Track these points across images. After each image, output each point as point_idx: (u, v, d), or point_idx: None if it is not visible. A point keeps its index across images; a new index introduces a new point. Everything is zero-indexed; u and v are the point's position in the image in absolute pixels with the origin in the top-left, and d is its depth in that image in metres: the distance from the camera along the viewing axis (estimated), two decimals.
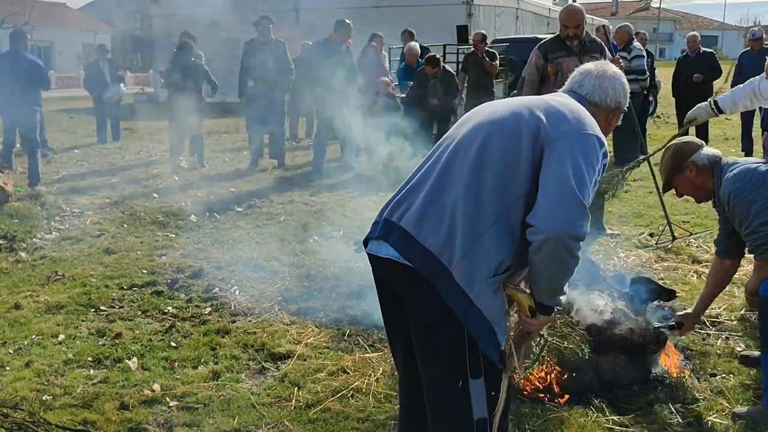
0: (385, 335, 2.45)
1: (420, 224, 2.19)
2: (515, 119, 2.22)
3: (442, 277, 2.13)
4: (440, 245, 2.14)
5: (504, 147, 2.18)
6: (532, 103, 2.27)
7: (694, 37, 11.31)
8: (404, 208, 2.26)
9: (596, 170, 2.17)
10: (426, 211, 2.20)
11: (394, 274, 2.27)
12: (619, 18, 45.94)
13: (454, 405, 2.22)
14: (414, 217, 2.21)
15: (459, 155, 2.24)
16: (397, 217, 2.26)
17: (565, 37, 6.06)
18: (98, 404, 3.41)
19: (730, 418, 3.24)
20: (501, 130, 2.22)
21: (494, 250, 2.13)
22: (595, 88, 2.39)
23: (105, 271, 5.46)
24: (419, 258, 2.16)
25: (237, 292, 5.01)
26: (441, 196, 2.20)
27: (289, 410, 3.37)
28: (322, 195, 8.25)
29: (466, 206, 2.14)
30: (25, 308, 4.66)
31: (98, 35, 41.42)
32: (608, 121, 2.43)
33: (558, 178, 2.08)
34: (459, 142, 2.27)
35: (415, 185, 2.31)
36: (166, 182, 9.15)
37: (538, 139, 2.15)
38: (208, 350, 4.04)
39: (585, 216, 2.08)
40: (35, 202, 7.65)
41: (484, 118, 2.30)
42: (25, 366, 3.82)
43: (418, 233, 2.18)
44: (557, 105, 2.26)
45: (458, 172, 2.20)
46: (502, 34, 17.06)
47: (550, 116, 2.20)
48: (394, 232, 2.24)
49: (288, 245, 6.12)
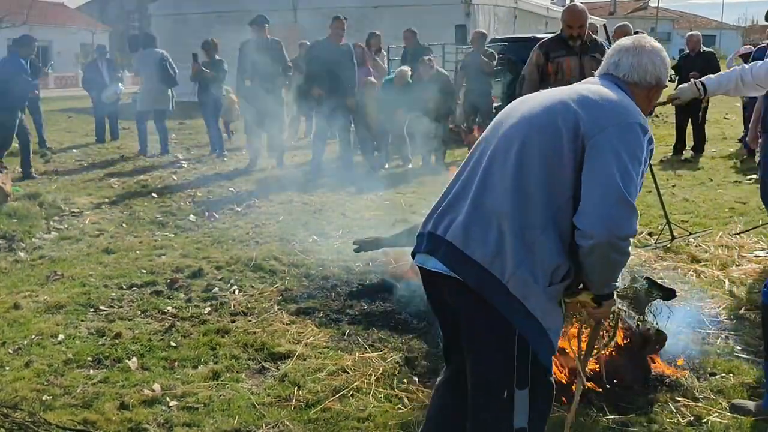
0: (385, 334, 2.45)
1: (467, 237, 2.13)
2: (551, 117, 2.14)
3: (496, 290, 2.08)
4: (490, 258, 2.08)
5: (544, 148, 2.10)
6: (567, 97, 2.19)
7: (694, 36, 11.31)
8: (449, 221, 2.21)
9: (642, 161, 2.09)
10: (471, 222, 2.14)
11: (444, 285, 2.23)
12: (618, 17, 45.95)
13: (498, 413, 2.19)
14: (460, 230, 2.15)
15: (498, 161, 2.17)
16: (442, 230, 2.21)
17: (568, 36, 6.06)
18: (98, 404, 3.40)
19: (728, 408, 3.26)
20: (538, 130, 2.14)
21: (548, 256, 2.08)
22: (633, 67, 2.30)
23: (104, 270, 5.46)
24: (469, 271, 2.11)
25: (236, 291, 5.01)
26: (484, 205, 2.14)
27: (289, 410, 3.36)
28: (322, 194, 8.25)
29: (512, 214, 2.08)
30: (25, 308, 4.66)
31: (97, 35, 41.41)
32: (649, 98, 2.33)
33: (602, 178, 2.02)
34: (496, 147, 2.20)
35: (456, 195, 2.24)
36: (165, 182, 9.15)
37: (578, 136, 2.08)
38: (207, 350, 4.03)
39: (633, 214, 2.03)
40: (34, 201, 7.64)
41: (519, 118, 2.22)
42: (25, 366, 3.81)
43: (465, 246, 2.13)
44: (592, 95, 2.17)
45: (499, 179, 2.14)
46: (501, 33, 17.06)
47: (588, 109, 2.12)
48: (440, 246, 2.19)
49: (287, 245, 6.11)
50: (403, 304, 4.57)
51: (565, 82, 6.09)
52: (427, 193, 8.17)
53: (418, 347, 4.03)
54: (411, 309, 4.50)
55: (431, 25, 14.13)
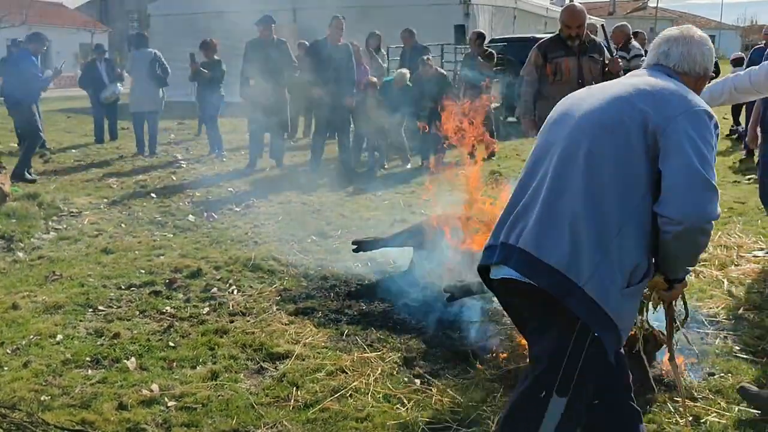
0: (383, 334, 2.45)
1: (540, 242, 2.13)
2: (616, 115, 2.14)
3: (573, 294, 2.07)
4: (566, 262, 2.08)
5: (614, 149, 2.10)
6: (626, 93, 2.19)
7: None
8: (520, 229, 2.20)
9: (713, 146, 2.11)
10: (543, 228, 2.13)
11: (516, 294, 2.24)
12: (617, 18, 45.96)
13: (528, 413, 2.20)
14: (532, 236, 2.15)
15: (566, 164, 2.16)
16: (513, 239, 2.20)
17: (566, 36, 6.06)
18: (96, 404, 3.40)
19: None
20: (605, 131, 2.14)
21: (626, 257, 2.09)
22: (683, 56, 2.30)
23: (103, 271, 5.45)
24: (544, 277, 2.10)
25: (235, 291, 5.01)
26: (556, 210, 2.13)
27: (287, 410, 3.36)
28: (320, 195, 8.25)
29: (587, 217, 2.08)
30: (23, 308, 4.65)
31: (96, 35, 41.38)
32: (696, 89, 2.32)
33: (683, 166, 2.03)
34: (563, 150, 2.20)
35: (526, 203, 2.23)
36: (164, 182, 9.14)
37: (648, 130, 2.08)
38: (206, 350, 4.03)
39: (716, 197, 2.05)
40: (33, 202, 7.63)
41: (581, 118, 2.22)
42: (23, 366, 3.81)
43: (539, 252, 2.12)
44: (652, 88, 2.18)
45: (570, 183, 2.13)
46: (500, 33, 17.07)
47: (652, 103, 2.12)
48: (513, 254, 2.18)
49: (286, 245, 6.11)
50: (401, 304, 4.58)
51: (564, 82, 6.12)
52: (426, 194, 8.18)
53: (416, 347, 4.03)
54: (409, 309, 4.50)
55: (430, 25, 14.14)
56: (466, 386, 3.55)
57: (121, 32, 43.21)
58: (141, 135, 11.45)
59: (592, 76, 6.17)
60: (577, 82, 6.13)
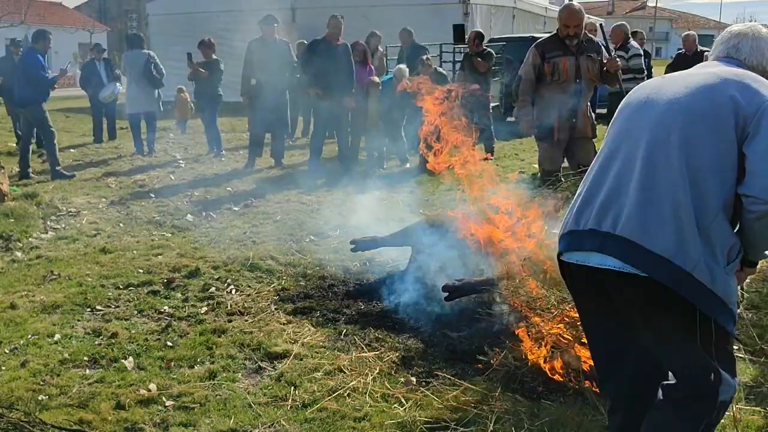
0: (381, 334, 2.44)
1: (644, 231, 2.14)
2: (706, 102, 2.18)
3: (683, 281, 2.10)
4: (673, 249, 2.11)
5: (708, 134, 2.14)
6: (712, 80, 2.23)
7: (690, 36, 11.33)
8: (614, 216, 2.20)
9: None
10: (646, 216, 2.15)
11: (613, 283, 2.24)
12: (615, 17, 46.01)
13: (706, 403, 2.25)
14: (633, 224, 2.16)
15: (658, 151, 2.19)
16: (608, 226, 2.20)
17: (564, 36, 6.07)
18: (94, 404, 3.40)
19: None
20: (697, 117, 2.17)
21: (723, 238, 2.14)
22: (753, 50, 2.36)
23: (101, 270, 5.45)
24: (651, 265, 2.12)
25: (233, 291, 5.00)
26: (656, 196, 2.15)
27: (285, 410, 3.36)
28: (319, 194, 8.24)
29: (689, 203, 2.11)
30: (21, 308, 4.65)
31: (95, 35, 41.36)
32: None
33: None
34: (652, 136, 2.22)
35: (613, 189, 2.24)
36: (163, 182, 9.14)
37: (740, 118, 2.13)
38: (204, 350, 4.03)
39: None
40: (31, 201, 7.64)
41: (667, 104, 2.24)
42: (21, 366, 3.81)
43: (642, 239, 2.14)
44: (736, 76, 2.22)
45: (667, 169, 2.15)
46: (498, 33, 17.07)
47: (739, 90, 2.17)
48: (610, 242, 2.19)
49: (284, 244, 6.11)
50: (399, 304, 4.57)
51: (562, 82, 6.13)
52: (424, 193, 8.18)
53: (414, 347, 4.03)
54: (408, 308, 4.50)
55: (429, 25, 14.14)
56: (465, 386, 3.55)
57: (120, 32, 43.22)
58: (138, 135, 11.44)
59: (590, 75, 6.18)
60: (575, 82, 6.14)
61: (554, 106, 6.19)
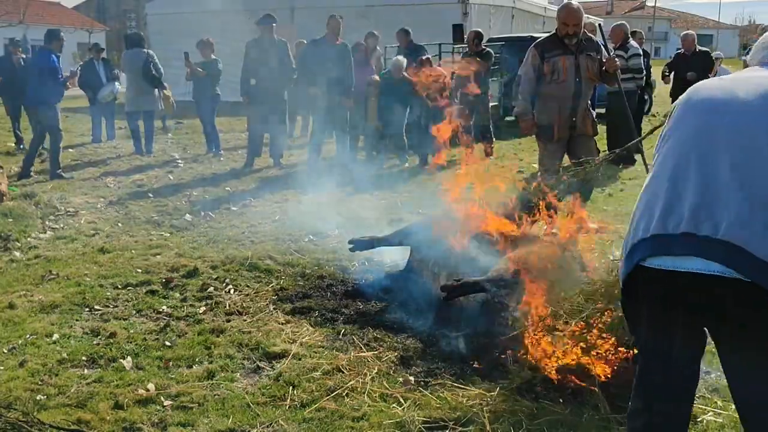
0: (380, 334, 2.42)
1: (749, 235, 2.06)
2: None
3: None
4: None
5: None
6: None
7: (689, 36, 11.33)
8: (715, 221, 2.12)
9: None
10: (754, 221, 2.07)
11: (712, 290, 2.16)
12: (614, 17, 46.01)
13: None
14: (742, 230, 2.07)
15: (747, 153, 2.13)
16: (708, 230, 2.11)
17: (563, 35, 6.07)
18: (92, 404, 3.39)
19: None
20: None
21: None
22: None
23: (99, 270, 5.44)
24: (757, 271, 2.05)
25: (232, 291, 5.00)
26: (756, 201, 2.08)
27: (283, 409, 3.36)
28: (317, 194, 8.23)
29: None
30: (19, 307, 4.65)
31: (93, 34, 41.32)
32: None
33: None
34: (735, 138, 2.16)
35: (704, 192, 2.16)
36: (161, 181, 9.13)
37: None
38: (202, 349, 4.02)
39: None
40: (30, 201, 7.63)
41: (743, 106, 2.20)
42: (19, 365, 3.80)
43: (749, 245, 2.06)
44: None
45: (761, 172, 2.09)
46: (497, 33, 17.08)
47: None
48: (712, 247, 2.10)
49: (283, 244, 6.11)
50: (398, 304, 4.57)
51: (562, 81, 6.13)
52: (424, 193, 8.17)
53: (413, 346, 4.03)
54: (406, 308, 4.50)
55: (428, 25, 14.14)
56: (463, 386, 3.55)
57: (119, 32, 43.17)
58: (137, 134, 11.44)
59: (589, 74, 6.19)
60: (574, 81, 6.14)
61: (554, 106, 6.19)
